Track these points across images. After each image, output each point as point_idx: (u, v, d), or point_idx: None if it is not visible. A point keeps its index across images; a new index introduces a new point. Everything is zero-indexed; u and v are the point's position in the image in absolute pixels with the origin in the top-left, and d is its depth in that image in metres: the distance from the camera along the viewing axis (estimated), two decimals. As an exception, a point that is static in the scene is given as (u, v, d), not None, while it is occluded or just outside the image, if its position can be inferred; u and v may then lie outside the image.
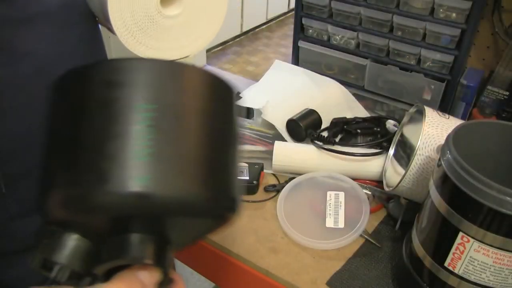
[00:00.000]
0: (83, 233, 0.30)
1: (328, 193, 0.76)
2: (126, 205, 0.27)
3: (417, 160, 0.66)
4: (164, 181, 0.28)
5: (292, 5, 2.66)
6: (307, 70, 1.06)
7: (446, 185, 0.52)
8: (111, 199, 0.27)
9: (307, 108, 0.91)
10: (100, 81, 0.29)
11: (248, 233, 0.72)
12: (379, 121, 0.93)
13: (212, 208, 0.31)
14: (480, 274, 0.51)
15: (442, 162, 0.52)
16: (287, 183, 0.80)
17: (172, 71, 0.30)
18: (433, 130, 0.67)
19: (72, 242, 0.29)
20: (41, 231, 0.30)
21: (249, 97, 0.98)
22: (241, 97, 0.99)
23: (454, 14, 0.88)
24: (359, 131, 0.90)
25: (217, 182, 0.31)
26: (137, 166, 0.27)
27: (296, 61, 1.14)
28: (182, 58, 0.60)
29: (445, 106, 0.97)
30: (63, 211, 0.28)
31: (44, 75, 0.49)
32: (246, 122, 0.94)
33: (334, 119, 0.92)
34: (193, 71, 0.31)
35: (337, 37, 1.05)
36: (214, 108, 0.31)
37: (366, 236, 0.71)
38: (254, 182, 0.79)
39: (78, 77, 0.30)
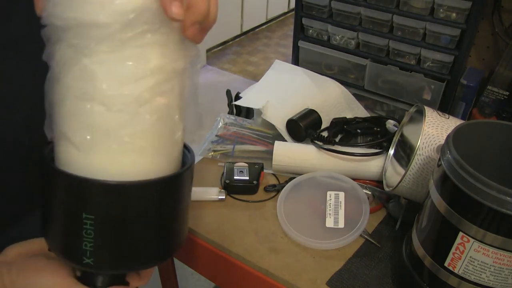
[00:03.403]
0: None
1: (328, 193, 0.76)
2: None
3: (417, 160, 0.66)
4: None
5: (292, 5, 2.66)
6: (307, 70, 1.06)
7: (446, 185, 0.52)
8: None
9: (307, 108, 0.91)
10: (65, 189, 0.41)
11: (248, 233, 0.72)
12: (379, 121, 0.93)
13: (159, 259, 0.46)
14: (480, 274, 0.51)
15: (442, 162, 0.52)
16: (287, 183, 0.80)
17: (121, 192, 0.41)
18: (433, 130, 0.67)
19: None
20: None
21: (249, 97, 0.98)
22: (241, 97, 0.99)
23: (454, 14, 0.88)
24: (359, 131, 0.91)
25: (160, 247, 0.45)
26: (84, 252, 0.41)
27: (296, 61, 1.14)
28: None
29: (445, 106, 0.97)
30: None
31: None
32: (246, 122, 0.94)
33: (334, 119, 0.92)
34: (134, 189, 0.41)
35: (337, 37, 1.05)
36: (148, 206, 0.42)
37: (366, 236, 0.71)
38: (254, 182, 0.79)
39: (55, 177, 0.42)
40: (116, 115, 0.39)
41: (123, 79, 0.38)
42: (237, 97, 1.01)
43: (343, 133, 0.92)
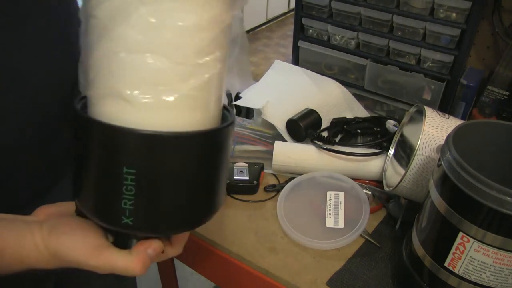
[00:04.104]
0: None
1: (328, 193, 0.76)
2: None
3: (417, 160, 0.66)
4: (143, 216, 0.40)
5: (292, 5, 2.66)
6: (307, 70, 1.06)
7: (446, 185, 0.52)
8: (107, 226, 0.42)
9: (307, 108, 0.91)
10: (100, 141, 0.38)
11: (248, 233, 0.72)
12: (379, 121, 0.93)
13: (192, 225, 0.44)
14: (480, 274, 0.51)
15: (442, 162, 0.52)
16: (287, 183, 0.80)
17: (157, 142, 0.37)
18: (433, 130, 0.67)
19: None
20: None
21: (249, 97, 0.98)
22: (241, 97, 0.99)
23: (454, 14, 0.88)
24: (359, 131, 0.91)
25: (195, 211, 0.42)
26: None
27: (296, 61, 1.14)
28: None
29: (445, 106, 0.97)
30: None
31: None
32: (246, 122, 0.94)
33: (334, 119, 0.92)
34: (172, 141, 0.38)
35: (337, 37, 1.05)
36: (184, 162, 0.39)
37: (366, 236, 0.71)
38: (254, 182, 0.79)
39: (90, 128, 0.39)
40: (178, 67, 0.37)
41: (186, 29, 0.36)
42: (237, 97, 1.01)
43: (343, 133, 0.92)
